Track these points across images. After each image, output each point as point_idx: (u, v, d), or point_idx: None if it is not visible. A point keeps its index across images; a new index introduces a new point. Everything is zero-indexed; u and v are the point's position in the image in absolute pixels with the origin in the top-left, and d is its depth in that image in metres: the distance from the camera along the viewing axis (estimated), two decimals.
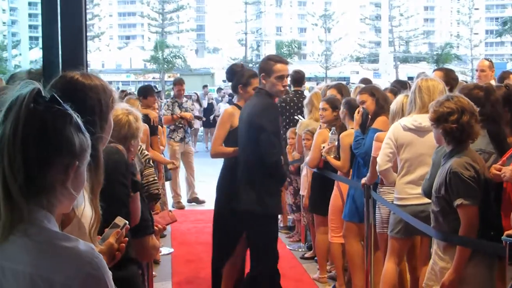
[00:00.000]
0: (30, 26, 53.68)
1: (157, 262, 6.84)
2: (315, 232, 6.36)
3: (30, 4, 60.42)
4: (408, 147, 4.61)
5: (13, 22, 53.46)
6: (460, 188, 3.54)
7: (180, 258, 7.27)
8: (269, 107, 4.94)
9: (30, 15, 58.02)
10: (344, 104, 5.68)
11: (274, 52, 54.02)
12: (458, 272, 3.58)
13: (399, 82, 8.03)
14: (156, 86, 10.43)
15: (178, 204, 10.13)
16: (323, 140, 5.93)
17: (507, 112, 4.09)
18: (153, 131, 7.19)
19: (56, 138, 1.47)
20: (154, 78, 50.47)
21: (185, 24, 58.57)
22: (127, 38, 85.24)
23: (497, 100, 4.06)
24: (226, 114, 5.33)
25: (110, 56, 65.01)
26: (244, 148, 4.92)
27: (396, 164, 4.76)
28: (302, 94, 8.14)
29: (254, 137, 4.75)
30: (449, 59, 52.69)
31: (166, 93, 30.88)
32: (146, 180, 4.57)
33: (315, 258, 6.63)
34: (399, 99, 4.92)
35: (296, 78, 8.34)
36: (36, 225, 1.46)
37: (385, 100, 5.36)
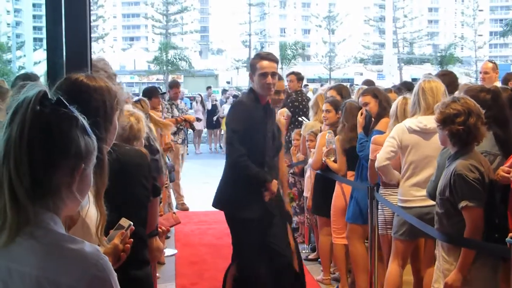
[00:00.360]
0: (35, 28, 53.80)
1: (161, 264, 6.85)
2: (319, 234, 6.36)
3: (34, 5, 60.59)
4: (413, 149, 4.60)
5: (17, 24, 53.58)
6: (465, 190, 3.54)
7: (184, 260, 7.26)
8: (237, 105, 4.99)
9: (35, 17, 58.16)
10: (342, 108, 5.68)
11: (278, 53, 54.08)
12: (462, 273, 3.57)
13: (405, 84, 8.02)
14: (160, 87, 10.44)
15: (182, 206, 10.12)
16: (325, 142, 5.92)
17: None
18: None
19: (62, 140, 1.46)
20: (158, 80, 50.52)
21: (189, 25, 58.57)
22: (131, 39, 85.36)
23: (504, 103, 4.06)
24: None
25: (114, 57, 65.06)
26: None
27: (398, 164, 4.76)
28: (301, 94, 8.23)
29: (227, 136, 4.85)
30: (453, 60, 52.62)
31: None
32: None
33: (319, 259, 6.62)
34: (398, 101, 4.93)
35: (299, 78, 8.43)
36: (42, 227, 1.46)
37: (387, 102, 5.35)
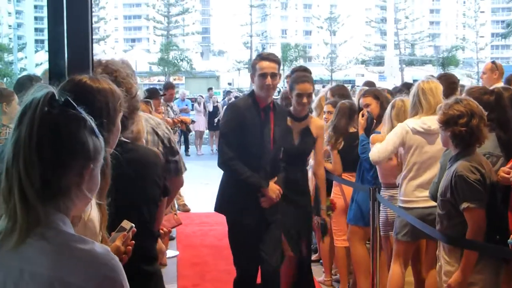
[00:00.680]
0: (36, 29, 53.91)
1: (162, 265, 6.84)
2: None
3: (36, 7, 60.66)
4: (417, 150, 4.61)
5: (19, 25, 53.57)
6: (466, 191, 3.53)
7: (186, 261, 7.26)
8: (229, 107, 4.97)
9: (36, 18, 58.26)
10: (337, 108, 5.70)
11: (280, 54, 54.10)
12: (464, 275, 3.56)
13: (406, 85, 8.02)
14: (161, 88, 10.46)
15: (183, 207, 10.11)
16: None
17: None
18: None
19: (71, 141, 1.47)
20: (159, 81, 50.57)
21: (190, 27, 58.72)
22: (133, 41, 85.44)
23: (506, 105, 4.07)
24: None
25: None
26: None
27: (398, 161, 4.81)
28: None
29: None
30: (454, 62, 52.64)
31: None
32: None
33: (321, 261, 6.61)
34: (395, 103, 4.94)
35: None
36: (52, 228, 1.47)
37: (388, 103, 5.36)
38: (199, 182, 11.92)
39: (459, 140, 3.63)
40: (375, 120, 5.28)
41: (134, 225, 2.24)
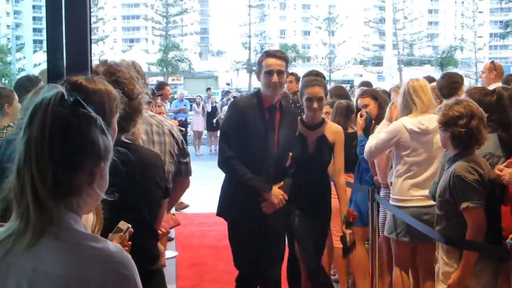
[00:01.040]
0: (34, 29, 53.87)
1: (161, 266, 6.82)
2: None
3: (34, 7, 60.68)
4: (414, 151, 4.59)
5: (17, 25, 53.60)
6: (465, 191, 3.53)
7: (185, 262, 7.25)
8: (230, 106, 4.85)
9: (34, 18, 58.24)
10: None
11: None
12: (464, 275, 3.56)
13: None
14: (155, 89, 10.45)
15: (180, 204, 10.06)
16: None
17: None
18: None
19: (82, 140, 1.48)
20: (158, 82, 50.57)
21: (189, 27, 58.67)
22: (131, 41, 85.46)
23: (507, 105, 4.07)
24: None
25: (114, 59, 65.09)
26: None
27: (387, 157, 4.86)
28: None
29: None
30: (453, 62, 52.68)
31: (170, 96, 30.90)
32: None
33: None
34: (395, 103, 4.94)
35: (297, 79, 8.45)
36: (65, 227, 1.47)
37: (386, 104, 5.36)
38: (198, 182, 11.89)
39: (459, 141, 3.63)
40: (373, 121, 5.28)
41: (130, 225, 2.23)
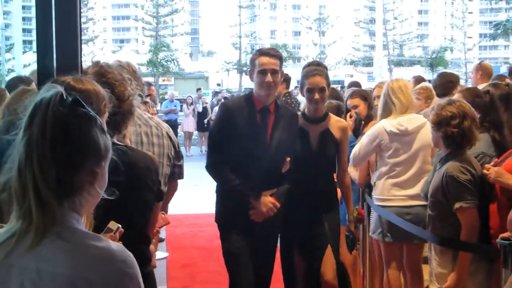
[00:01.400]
0: (24, 30, 53.56)
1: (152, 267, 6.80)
2: None
3: (24, 7, 60.30)
4: (395, 152, 4.60)
5: (6, 26, 53.18)
6: (458, 191, 3.54)
7: (175, 263, 7.24)
8: (219, 107, 4.74)
9: (24, 19, 57.88)
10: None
11: None
12: (461, 277, 3.57)
13: None
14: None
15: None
16: None
17: (504, 111, 4.12)
18: None
19: (83, 140, 1.49)
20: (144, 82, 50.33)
21: (179, 27, 58.53)
22: (121, 41, 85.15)
23: (498, 106, 4.09)
24: None
25: (104, 59, 64.78)
26: None
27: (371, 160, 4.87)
28: (290, 96, 8.30)
29: None
30: (443, 62, 52.84)
31: (161, 97, 30.89)
32: None
33: None
34: None
35: (285, 79, 8.45)
36: (67, 227, 1.48)
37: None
38: (188, 183, 11.88)
39: (451, 141, 3.65)
40: (363, 121, 5.29)
41: (120, 226, 2.22)
